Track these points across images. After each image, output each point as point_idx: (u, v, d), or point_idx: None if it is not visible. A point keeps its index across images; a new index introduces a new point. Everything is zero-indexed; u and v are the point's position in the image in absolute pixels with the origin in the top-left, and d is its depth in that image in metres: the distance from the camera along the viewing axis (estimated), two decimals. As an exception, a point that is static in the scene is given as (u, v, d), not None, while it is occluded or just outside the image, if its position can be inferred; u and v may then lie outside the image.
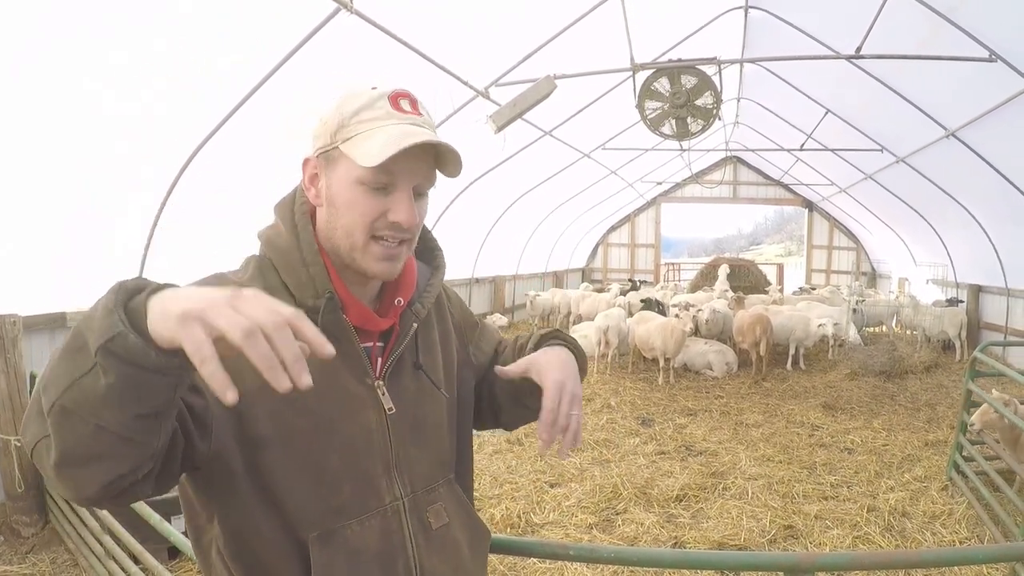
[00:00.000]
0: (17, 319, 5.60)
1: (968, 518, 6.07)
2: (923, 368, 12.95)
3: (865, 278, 24.04)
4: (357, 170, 1.41)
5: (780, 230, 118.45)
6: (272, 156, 7.47)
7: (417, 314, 1.61)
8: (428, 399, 1.62)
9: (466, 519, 1.67)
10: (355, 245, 1.45)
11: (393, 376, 1.55)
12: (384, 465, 1.51)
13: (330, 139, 1.46)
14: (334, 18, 6.20)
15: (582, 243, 25.89)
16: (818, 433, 8.87)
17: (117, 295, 1.03)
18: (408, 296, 1.60)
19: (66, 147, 5.57)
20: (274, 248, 1.53)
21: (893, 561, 2.19)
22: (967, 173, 11.77)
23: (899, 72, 10.33)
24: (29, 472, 5.66)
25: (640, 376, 12.41)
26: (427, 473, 1.59)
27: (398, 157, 1.36)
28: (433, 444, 1.63)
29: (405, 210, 1.42)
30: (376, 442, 1.49)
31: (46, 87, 5.09)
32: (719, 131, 19.84)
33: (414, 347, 1.62)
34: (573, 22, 9.12)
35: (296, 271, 1.47)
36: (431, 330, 1.70)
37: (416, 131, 1.39)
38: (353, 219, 1.44)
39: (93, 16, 4.91)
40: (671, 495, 6.64)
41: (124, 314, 1.01)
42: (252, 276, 1.50)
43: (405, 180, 1.43)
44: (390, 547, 1.49)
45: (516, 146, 12.01)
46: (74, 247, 6.13)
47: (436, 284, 1.70)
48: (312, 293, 1.45)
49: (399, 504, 1.52)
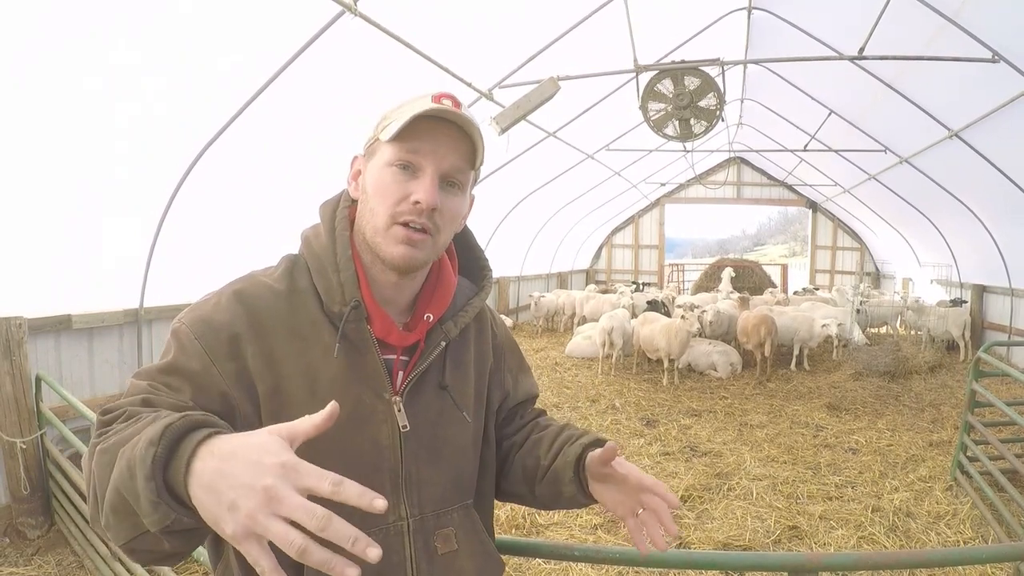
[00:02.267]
0: (23, 321, 5.61)
1: (972, 518, 6.07)
2: (927, 368, 12.92)
3: (869, 278, 24.01)
4: (387, 153, 1.43)
5: (784, 231, 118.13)
6: (277, 157, 7.50)
7: (447, 332, 1.59)
8: (451, 420, 1.59)
9: (478, 548, 1.61)
10: (378, 228, 1.45)
11: (413, 393, 1.53)
12: (392, 482, 1.48)
13: (373, 132, 1.50)
14: (338, 21, 6.21)
15: (586, 244, 25.87)
16: (822, 434, 8.87)
17: (153, 465, 1.01)
18: (440, 313, 1.59)
19: (71, 148, 5.58)
20: (310, 249, 1.55)
21: (898, 561, 2.18)
22: (971, 174, 11.74)
23: (902, 73, 10.33)
24: (35, 474, 5.68)
25: (644, 377, 12.42)
26: (440, 496, 1.56)
27: (420, 133, 1.39)
28: (451, 467, 1.59)
29: (424, 189, 1.41)
30: (386, 458, 1.48)
31: (51, 87, 5.10)
32: (723, 132, 19.80)
33: (442, 365, 1.59)
34: (576, 24, 9.12)
35: (327, 275, 1.48)
36: (464, 351, 1.67)
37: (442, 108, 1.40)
38: (379, 201, 1.45)
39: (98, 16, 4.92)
40: (675, 496, 6.61)
41: (168, 495, 1.02)
42: (280, 276, 1.51)
43: (430, 162, 1.43)
44: (388, 567, 1.45)
45: (520, 148, 12.00)
46: (80, 249, 6.14)
47: (476, 304, 1.68)
48: (339, 299, 1.46)
49: (403, 524, 1.49)
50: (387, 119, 1.46)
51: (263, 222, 7.60)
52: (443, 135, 1.42)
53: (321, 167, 7.84)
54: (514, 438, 1.80)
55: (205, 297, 1.48)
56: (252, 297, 1.45)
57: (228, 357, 1.37)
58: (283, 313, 1.45)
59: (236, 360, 1.38)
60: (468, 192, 1.56)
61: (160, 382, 1.32)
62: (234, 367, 1.37)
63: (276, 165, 7.59)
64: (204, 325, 1.39)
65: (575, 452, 1.64)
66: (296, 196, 7.83)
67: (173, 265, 7.00)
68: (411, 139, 1.41)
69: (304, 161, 7.79)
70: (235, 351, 1.38)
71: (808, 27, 10.87)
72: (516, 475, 1.77)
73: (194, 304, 1.46)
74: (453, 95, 1.45)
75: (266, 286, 1.48)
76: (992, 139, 10.36)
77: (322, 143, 7.75)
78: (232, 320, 1.40)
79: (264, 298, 1.46)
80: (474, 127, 1.44)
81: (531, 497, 1.76)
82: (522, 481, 1.76)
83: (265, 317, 1.43)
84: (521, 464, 1.76)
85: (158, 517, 1.00)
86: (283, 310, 1.45)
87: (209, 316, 1.41)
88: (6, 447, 5.60)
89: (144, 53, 5.42)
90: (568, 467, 1.63)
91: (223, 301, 1.43)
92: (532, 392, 1.91)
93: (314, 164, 7.85)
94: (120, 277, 6.70)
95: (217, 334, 1.38)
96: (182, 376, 1.34)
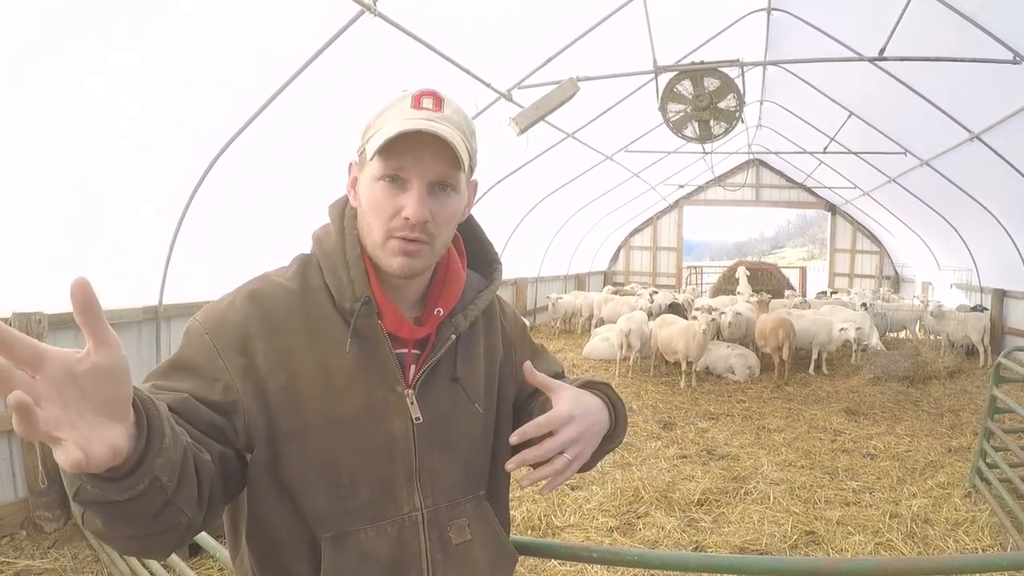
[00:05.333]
0: (43, 317, 5.66)
1: (991, 525, 6.01)
2: (946, 373, 12.79)
3: (888, 282, 23.89)
4: (374, 167, 1.43)
5: (802, 233, 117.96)
6: (295, 157, 7.52)
7: (457, 325, 1.59)
8: (462, 412, 1.60)
9: (491, 538, 1.63)
10: (376, 243, 1.47)
11: (425, 386, 1.54)
12: (406, 474, 1.50)
13: (361, 140, 1.50)
14: (358, 21, 6.23)
15: (604, 246, 25.83)
16: (840, 438, 8.82)
17: None
18: (450, 307, 1.60)
19: (93, 146, 5.63)
20: (321, 248, 1.56)
21: (917, 568, 2.16)
22: (991, 176, 11.67)
23: (922, 74, 10.26)
24: (52, 468, 5.71)
25: (662, 380, 12.38)
26: (453, 487, 1.57)
27: (402, 147, 1.39)
28: (463, 458, 1.60)
29: (412, 204, 1.41)
30: (400, 450, 1.49)
31: (73, 88, 5.15)
32: (742, 134, 19.74)
33: (452, 358, 1.60)
34: (596, 24, 9.13)
35: (338, 273, 1.50)
36: (475, 343, 1.68)
37: (420, 123, 1.39)
38: (373, 216, 1.46)
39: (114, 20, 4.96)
40: (692, 499, 6.62)
41: None
42: (292, 275, 1.53)
43: (416, 175, 1.43)
44: (404, 557, 1.48)
45: (539, 148, 12.01)
46: (100, 245, 6.19)
47: (486, 297, 1.68)
48: (351, 296, 1.47)
49: (418, 515, 1.51)
50: (371, 128, 1.46)
51: (280, 221, 7.63)
52: (425, 147, 1.41)
53: (338, 168, 7.82)
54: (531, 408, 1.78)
55: (221, 297, 1.50)
56: (266, 297, 1.47)
57: (237, 352, 1.39)
58: (296, 311, 1.47)
59: (245, 356, 1.39)
60: (463, 188, 1.55)
61: (161, 383, 1.34)
62: (242, 363, 1.39)
63: (294, 165, 7.62)
64: (216, 322, 1.42)
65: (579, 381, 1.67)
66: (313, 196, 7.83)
67: (192, 262, 7.04)
68: (393, 155, 1.40)
69: (321, 161, 7.78)
70: (245, 347, 1.40)
71: (827, 28, 10.82)
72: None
73: (210, 304, 1.49)
74: (434, 92, 1.46)
75: (279, 285, 1.50)
76: (1013, 142, 10.28)
77: (340, 143, 7.73)
78: (245, 319, 1.42)
79: (278, 297, 1.48)
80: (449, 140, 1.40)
81: None
82: None
83: (278, 316, 1.45)
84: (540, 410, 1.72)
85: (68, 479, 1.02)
86: (296, 308, 1.47)
87: (222, 314, 1.43)
88: (24, 441, 5.64)
89: (161, 55, 5.47)
90: None
91: (237, 301, 1.46)
92: (553, 370, 1.86)
93: (331, 164, 7.83)
94: (139, 274, 6.75)
95: (228, 330, 1.40)
96: (184, 370, 1.37)
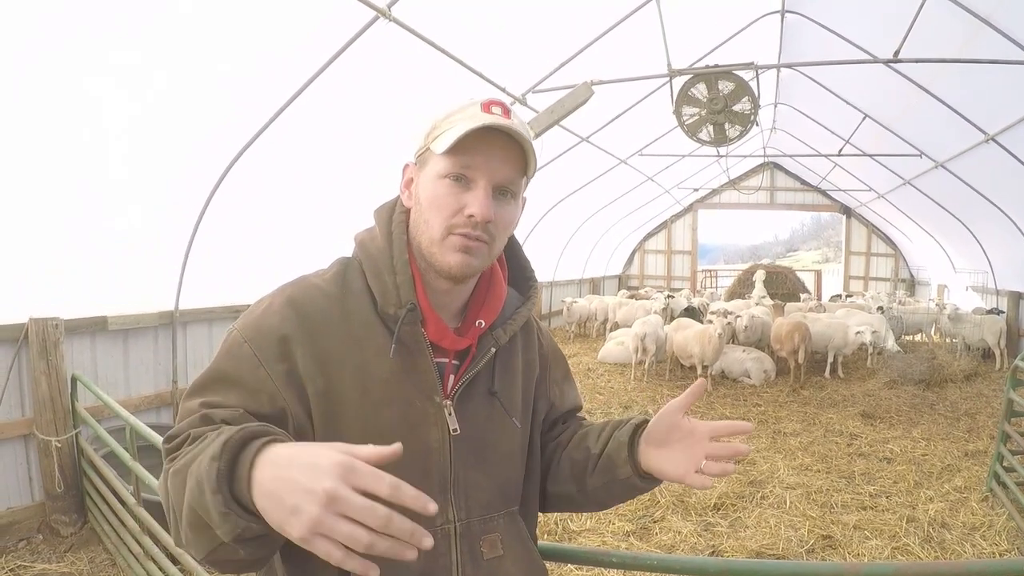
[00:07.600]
0: (59, 322, 5.72)
1: (1008, 530, 5.98)
2: (963, 377, 12.71)
3: (904, 285, 23.77)
4: (439, 164, 1.44)
5: (817, 236, 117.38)
6: (310, 163, 7.54)
7: (497, 339, 1.59)
8: (499, 426, 1.60)
9: (523, 554, 1.62)
10: (433, 239, 1.46)
11: (464, 398, 1.54)
12: (441, 486, 1.49)
13: (423, 141, 1.50)
14: (372, 26, 6.24)
15: (619, 250, 25.78)
16: (857, 442, 8.77)
17: (218, 478, 1.07)
18: (491, 319, 1.60)
19: (108, 152, 5.66)
20: (366, 252, 1.56)
21: (936, 572, 2.15)
22: (1007, 178, 11.56)
23: (937, 76, 10.19)
24: (69, 472, 5.77)
25: (678, 383, 12.36)
26: (487, 501, 1.56)
27: (472, 146, 1.39)
28: (499, 473, 1.60)
29: (479, 203, 1.41)
30: (435, 461, 1.48)
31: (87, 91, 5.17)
32: (756, 137, 19.69)
33: (491, 372, 1.60)
34: (609, 28, 9.12)
35: (383, 278, 1.49)
36: (513, 357, 1.68)
37: (499, 120, 1.40)
38: (433, 213, 1.45)
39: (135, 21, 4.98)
40: (708, 503, 6.60)
41: (237, 505, 1.08)
42: (332, 278, 1.53)
43: (483, 175, 1.43)
44: (434, 569, 1.46)
45: (553, 153, 11.99)
46: (116, 251, 6.22)
47: (524, 312, 1.68)
48: (395, 302, 1.47)
49: (450, 527, 1.49)
50: (437, 128, 1.46)
51: (295, 226, 7.67)
52: (495, 147, 1.42)
53: (354, 172, 7.90)
54: (559, 439, 1.81)
55: (259, 301, 1.50)
56: (304, 300, 1.46)
57: (278, 359, 1.38)
58: (335, 315, 1.46)
59: (286, 361, 1.39)
60: (520, 198, 1.56)
61: (209, 398, 1.34)
62: (284, 368, 1.38)
63: (309, 170, 7.64)
64: (254, 329, 1.41)
65: (627, 432, 1.66)
66: (329, 201, 7.89)
67: (208, 268, 7.07)
68: (463, 152, 1.41)
69: (337, 167, 7.83)
70: (285, 352, 1.39)
71: (842, 30, 10.78)
72: (564, 473, 1.77)
73: (248, 309, 1.49)
74: (503, 102, 1.46)
75: (318, 288, 1.49)
76: (1029, 144, 10.18)
77: (355, 149, 7.79)
78: (282, 323, 1.41)
79: (316, 300, 1.47)
80: (525, 137, 1.43)
81: (580, 495, 1.75)
82: (570, 478, 1.75)
83: (317, 320, 1.44)
84: (569, 459, 1.76)
85: (229, 527, 1.07)
86: (335, 312, 1.47)
87: (259, 320, 1.43)
88: (41, 445, 5.69)
89: (181, 59, 5.49)
90: (622, 447, 1.64)
91: (275, 305, 1.45)
92: (576, 403, 1.91)
93: (347, 170, 7.89)
94: (155, 279, 6.78)
95: (267, 337, 1.39)
96: (228, 384, 1.36)
